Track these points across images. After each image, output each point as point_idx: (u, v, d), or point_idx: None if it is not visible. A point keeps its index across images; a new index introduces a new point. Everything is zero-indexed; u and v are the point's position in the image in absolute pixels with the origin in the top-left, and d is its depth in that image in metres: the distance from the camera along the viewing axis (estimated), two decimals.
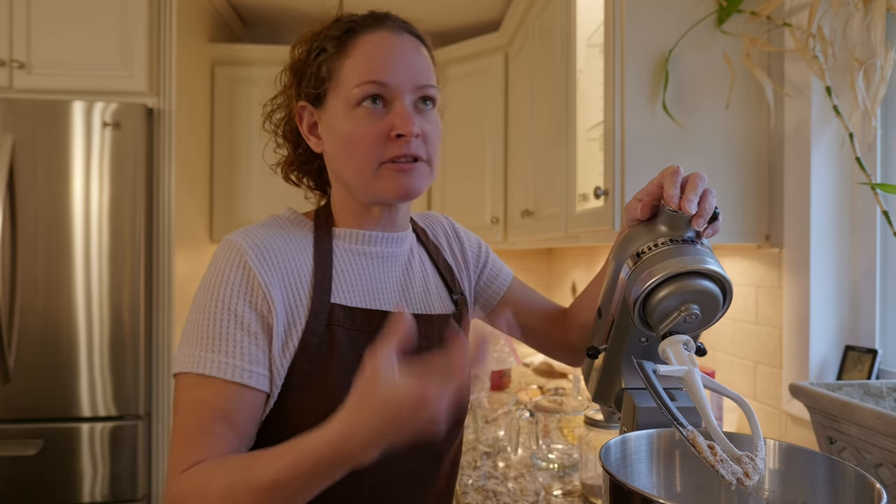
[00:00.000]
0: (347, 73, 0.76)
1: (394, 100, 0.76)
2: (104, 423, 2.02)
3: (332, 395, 0.71)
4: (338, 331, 0.74)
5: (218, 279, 0.71)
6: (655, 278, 0.62)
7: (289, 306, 0.73)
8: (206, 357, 0.68)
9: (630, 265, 0.66)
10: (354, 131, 0.75)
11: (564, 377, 2.22)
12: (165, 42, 2.15)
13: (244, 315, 0.69)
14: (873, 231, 1.20)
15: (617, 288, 0.70)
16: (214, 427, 0.67)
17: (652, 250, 0.64)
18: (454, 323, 0.87)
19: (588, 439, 1.12)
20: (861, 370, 1.17)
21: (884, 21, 1.02)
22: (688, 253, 0.62)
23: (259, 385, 0.70)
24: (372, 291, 0.80)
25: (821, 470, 0.60)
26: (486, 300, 1.00)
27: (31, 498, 1.98)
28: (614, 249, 0.72)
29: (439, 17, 2.76)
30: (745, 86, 1.31)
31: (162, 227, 2.15)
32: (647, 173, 1.29)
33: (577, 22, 1.63)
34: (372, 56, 0.75)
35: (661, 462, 0.67)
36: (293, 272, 0.74)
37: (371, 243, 0.82)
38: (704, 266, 0.61)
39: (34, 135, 1.99)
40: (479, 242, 1.02)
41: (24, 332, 1.98)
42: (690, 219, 0.64)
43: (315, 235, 0.80)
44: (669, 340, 0.63)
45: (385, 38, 0.77)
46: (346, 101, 0.75)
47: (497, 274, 1.01)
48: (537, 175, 2.04)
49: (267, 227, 0.78)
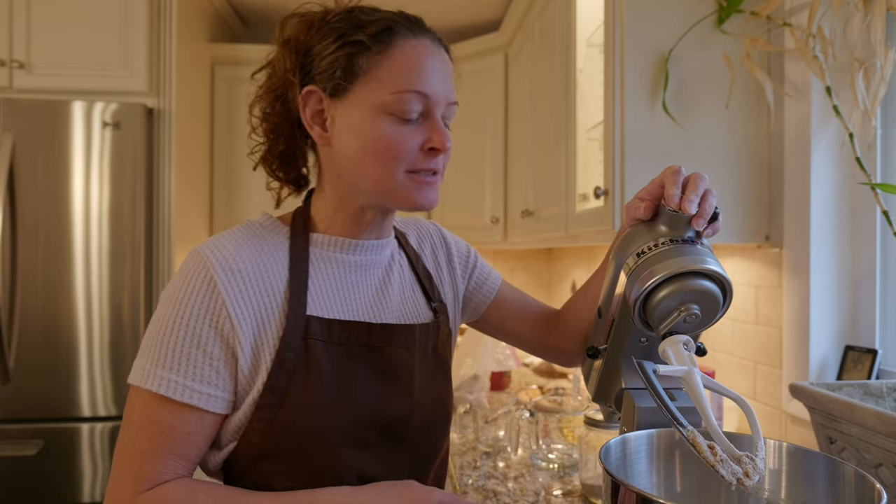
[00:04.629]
0: (385, 75, 0.72)
1: (429, 112, 0.74)
2: (104, 423, 2.02)
3: (310, 409, 0.70)
4: (314, 344, 0.71)
5: (182, 294, 0.68)
6: (656, 278, 0.62)
7: (259, 323, 0.70)
8: (160, 375, 0.67)
9: (630, 265, 0.66)
10: (386, 137, 0.72)
11: (564, 377, 2.22)
12: (165, 42, 2.15)
13: (204, 336, 0.68)
14: (873, 231, 1.20)
15: (617, 287, 0.70)
16: (171, 448, 0.67)
17: (652, 250, 0.64)
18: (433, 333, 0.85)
19: (588, 439, 1.12)
20: (861, 370, 1.17)
21: (884, 21, 1.02)
22: (688, 253, 0.62)
23: (211, 407, 0.68)
24: (347, 301, 0.77)
25: (821, 470, 0.60)
26: (475, 306, 0.98)
27: (31, 498, 1.98)
28: (614, 249, 0.72)
29: (439, 17, 2.76)
30: (745, 86, 1.31)
31: (162, 227, 2.15)
32: (647, 173, 1.29)
33: (577, 22, 1.63)
34: (417, 64, 0.72)
35: (661, 462, 0.67)
36: (265, 287, 0.71)
37: (352, 251, 0.79)
38: (704, 266, 0.61)
39: (34, 135, 1.99)
40: (467, 248, 1.00)
41: (24, 332, 1.98)
42: (691, 219, 0.64)
43: (291, 242, 0.76)
44: (669, 340, 0.63)
45: (428, 47, 0.74)
46: (378, 104, 0.71)
47: (485, 279, 0.98)
48: (537, 175, 2.04)
49: (239, 236, 0.74)
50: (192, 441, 0.69)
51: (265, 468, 0.72)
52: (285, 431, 0.70)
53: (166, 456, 0.67)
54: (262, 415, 0.70)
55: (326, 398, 0.71)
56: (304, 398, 0.70)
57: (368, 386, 0.74)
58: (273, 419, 0.69)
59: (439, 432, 0.83)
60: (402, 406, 0.77)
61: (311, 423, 0.70)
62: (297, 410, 0.70)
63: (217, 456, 0.74)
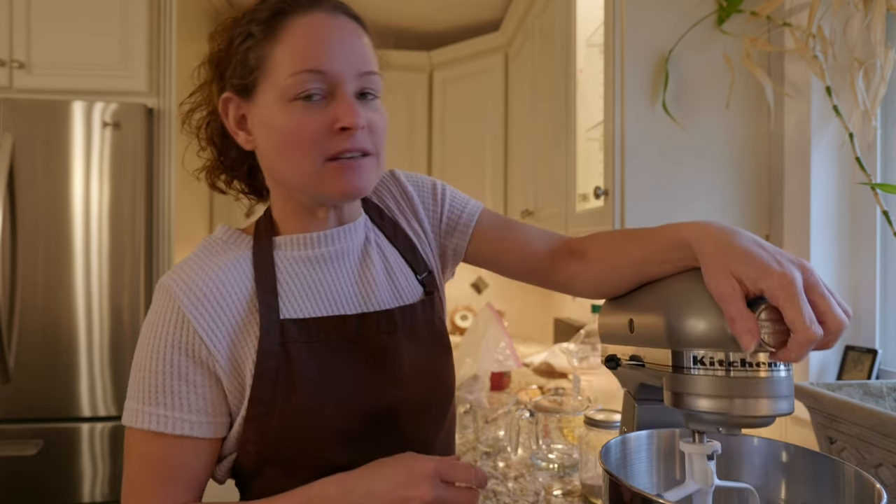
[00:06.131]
0: (279, 61, 0.68)
1: (335, 89, 0.68)
2: (104, 423, 2.02)
3: (300, 413, 0.69)
4: (293, 347, 0.70)
5: (154, 331, 0.68)
6: (699, 411, 0.54)
7: (235, 340, 0.69)
8: (149, 412, 0.67)
9: (676, 365, 0.55)
10: (291, 126, 0.67)
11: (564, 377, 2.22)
12: (165, 42, 2.15)
13: (182, 367, 0.67)
14: (873, 231, 1.20)
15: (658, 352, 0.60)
16: (169, 479, 0.68)
17: (704, 366, 0.53)
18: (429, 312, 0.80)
19: (588, 439, 1.12)
20: (861, 370, 1.17)
21: (884, 21, 1.02)
22: (741, 392, 0.52)
23: (204, 433, 0.69)
24: (326, 298, 0.75)
25: (821, 470, 0.60)
26: (455, 248, 0.88)
27: (31, 498, 1.98)
28: (661, 291, 0.61)
29: (439, 17, 2.76)
30: (745, 86, 1.31)
31: (162, 227, 2.15)
32: (647, 173, 1.30)
33: (577, 22, 1.63)
34: (307, 41, 0.67)
35: (661, 462, 0.67)
36: (233, 302, 0.70)
37: (316, 245, 0.76)
38: (757, 415, 0.52)
39: (34, 135, 1.99)
40: (432, 186, 0.89)
41: (24, 332, 1.98)
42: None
43: (254, 250, 0.74)
44: (695, 447, 0.57)
45: (321, 20, 0.69)
46: (280, 93, 0.67)
47: (460, 214, 0.87)
48: (537, 175, 2.04)
49: (199, 257, 0.73)
50: (191, 469, 0.70)
51: (270, 472, 0.72)
52: (279, 438, 0.69)
53: (167, 488, 0.68)
54: (254, 426, 0.69)
55: (314, 399, 0.70)
56: (291, 403, 0.69)
57: (356, 379, 0.73)
58: (264, 429, 0.69)
59: (439, 409, 0.81)
60: (393, 393, 0.75)
61: (302, 428, 0.69)
62: (286, 417, 0.69)
63: (221, 466, 0.74)
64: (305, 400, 0.69)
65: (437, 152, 2.84)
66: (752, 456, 0.65)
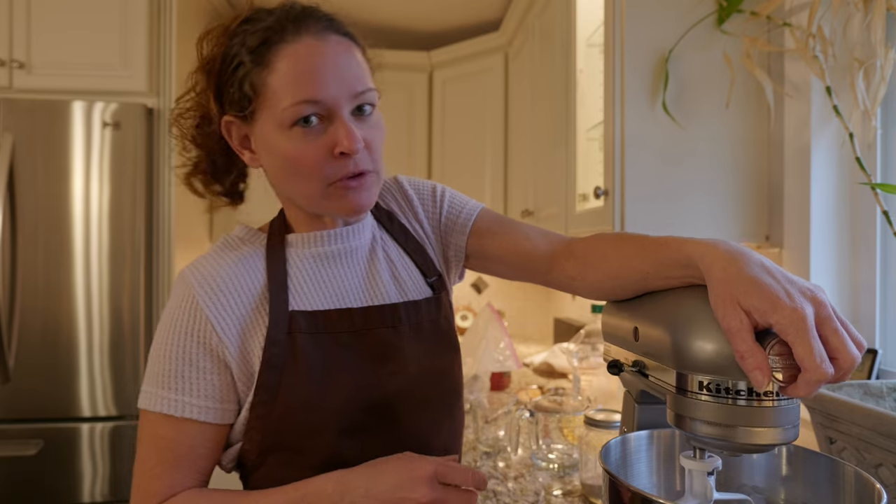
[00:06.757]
0: (274, 91, 0.69)
1: (332, 114, 0.70)
2: (104, 423, 2.02)
3: (303, 401, 0.71)
4: (300, 337, 0.73)
5: (171, 320, 0.72)
6: (701, 436, 0.53)
7: (245, 330, 0.73)
8: (161, 395, 0.71)
9: (680, 387, 0.54)
10: (292, 153, 0.70)
11: (564, 377, 2.22)
12: (165, 42, 2.15)
13: (194, 354, 0.71)
14: (873, 231, 1.20)
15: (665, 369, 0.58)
16: (177, 462, 0.72)
17: (709, 392, 0.52)
18: (435, 311, 0.82)
19: (588, 439, 1.12)
20: (861, 370, 1.17)
21: (884, 21, 1.02)
22: (746, 421, 0.51)
23: (211, 419, 0.72)
24: (334, 292, 0.78)
25: (821, 470, 0.60)
26: (456, 246, 0.88)
27: (31, 498, 1.98)
28: (668, 306, 0.59)
29: (439, 17, 2.76)
30: (745, 86, 1.31)
31: (162, 227, 2.15)
32: (647, 173, 1.30)
33: (577, 22, 1.63)
34: (299, 71, 0.68)
35: (661, 462, 0.67)
36: (245, 293, 0.74)
37: (326, 243, 0.79)
38: (762, 443, 0.51)
39: (34, 135, 1.99)
40: (431, 188, 0.90)
41: (24, 332, 1.98)
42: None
43: (267, 248, 0.78)
44: (696, 464, 0.57)
45: (309, 46, 0.69)
46: (279, 122, 0.70)
47: (459, 212, 0.88)
48: (537, 175, 2.05)
49: (217, 252, 0.77)
50: (197, 453, 0.73)
51: (272, 461, 0.74)
52: (282, 425, 0.72)
53: (173, 471, 0.72)
54: (259, 412, 0.72)
55: (317, 389, 0.72)
56: (295, 391, 0.72)
57: (358, 370, 0.75)
58: (269, 415, 0.72)
59: (440, 407, 0.82)
60: (393, 386, 0.76)
61: (305, 415, 0.72)
62: (290, 404, 0.71)
63: (227, 455, 0.77)
64: (308, 387, 0.72)
65: (437, 152, 2.84)
66: (752, 456, 0.65)
